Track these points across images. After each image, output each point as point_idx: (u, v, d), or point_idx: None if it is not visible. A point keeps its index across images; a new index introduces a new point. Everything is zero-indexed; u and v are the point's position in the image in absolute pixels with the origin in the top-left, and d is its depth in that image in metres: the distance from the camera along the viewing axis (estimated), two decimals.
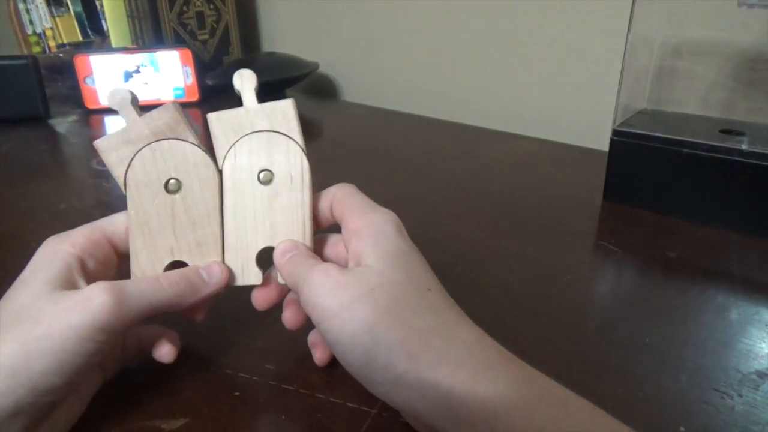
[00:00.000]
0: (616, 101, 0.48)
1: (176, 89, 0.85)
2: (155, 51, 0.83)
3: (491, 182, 0.56)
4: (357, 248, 0.27)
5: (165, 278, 0.27)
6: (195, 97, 0.85)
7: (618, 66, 0.48)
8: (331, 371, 0.30)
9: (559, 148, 0.65)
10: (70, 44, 1.18)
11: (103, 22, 1.07)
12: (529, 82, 0.74)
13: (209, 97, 0.85)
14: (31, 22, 1.22)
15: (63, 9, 1.17)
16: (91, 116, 0.81)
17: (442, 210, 0.50)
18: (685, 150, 0.45)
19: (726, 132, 0.46)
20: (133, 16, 0.94)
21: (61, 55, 1.13)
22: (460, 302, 0.26)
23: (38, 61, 0.78)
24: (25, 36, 1.23)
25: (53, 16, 1.18)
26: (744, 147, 0.42)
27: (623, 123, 0.49)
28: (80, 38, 1.17)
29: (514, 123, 0.73)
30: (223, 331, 0.33)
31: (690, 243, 0.43)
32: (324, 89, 0.98)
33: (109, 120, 0.80)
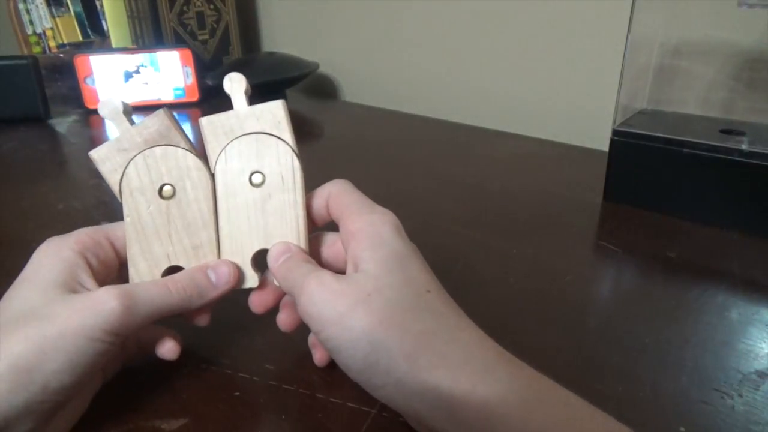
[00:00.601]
0: (616, 101, 0.48)
1: (176, 89, 0.85)
2: (155, 51, 0.83)
3: (491, 182, 0.56)
4: (355, 252, 0.26)
5: (173, 282, 0.27)
6: (195, 98, 0.85)
7: (618, 66, 0.48)
8: (331, 371, 0.30)
9: (559, 148, 0.65)
10: (70, 44, 1.18)
11: (103, 22, 1.07)
12: (529, 82, 0.74)
13: (209, 97, 0.85)
14: (31, 22, 1.22)
15: (63, 9, 1.17)
16: (91, 116, 0.81)
17: (442, 210, 0.50)
18: (686, 150, 0.45)
19: (726, 132, 0.46)
20: (134, 17, 0.94)
21: (61, 55, 1.13)
22: (460, 302, 0.26)
23: (38, 61, 0.78)
24: (25, 36, 1.23)
25: (53, 16, 1.18)
26: (744, 147, 0.42)
27: (623, 123, 0.49)
28: (80, 38, 1.17)
29: (514, 123, 0.73)
30: (223, 331, 0.33)
31: (690, 243, 0.43)
32: (324, 89, 0.98)
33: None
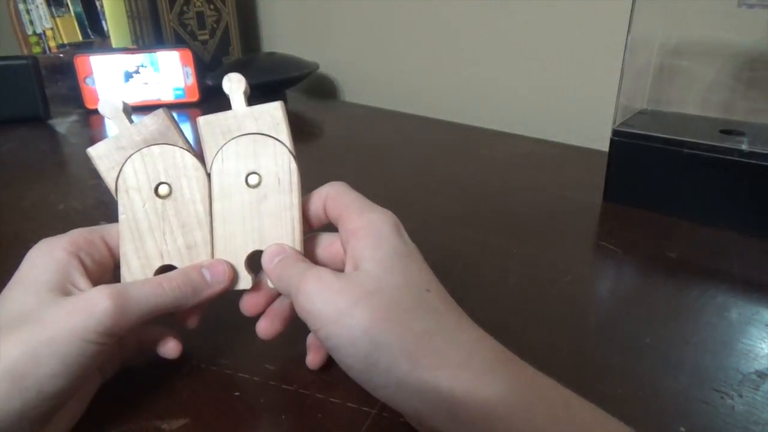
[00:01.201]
0: (616, 101, 0.48)
1: (176, 89, 0.85)
2: (155, 51, 0.83)
3: (491, 182, 0.56)
4: (355, 251, 0.26)
5: (167, 280, 0.27)
6: (195, 98, 0.85)
7: (618, 66, 0.48)
8: (332, 371, 0.30)
9: (559, 148, 0.65)
10: (70, 44, 1.18)
11: (103, 23, 1.07)
12: (529, 82, 0.74)
13: (209, 98, 0.85)
14: (32, 23, 1.22)
15: (63, 9, 1.17)
16: (91, 116, 0.81)
17: (442, 210, 0.50)
18: (685, 150, 0.45)
19: (726, 132, 0.46)
20: (134, 17, 0.94)
21: (61, 56, 1.13)
22: (461, 302, 0.26)
23: (38, 62, 0.78)
24: (26, 36, 1.23)
25: (53, 17, 1.18)
26: (744, 147, 0.42)
27: (623, 123, 0.48)
28: (80, 38, 1.17)
29: (514, 123, 0.73)
30: (223, 331, 0.33)
31: (690, 243, 0.43)
32: (324, 89, 0.98)
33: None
